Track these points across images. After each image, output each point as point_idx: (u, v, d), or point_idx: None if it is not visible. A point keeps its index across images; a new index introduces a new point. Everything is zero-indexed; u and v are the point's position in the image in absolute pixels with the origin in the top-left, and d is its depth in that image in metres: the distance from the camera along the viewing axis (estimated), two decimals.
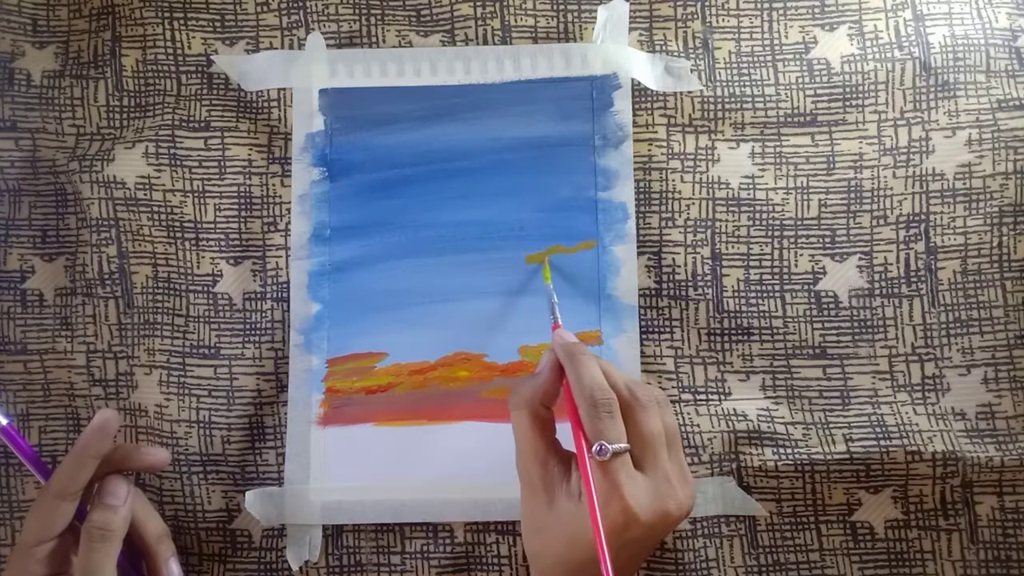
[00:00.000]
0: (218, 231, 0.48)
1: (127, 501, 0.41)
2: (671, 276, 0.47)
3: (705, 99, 0.48)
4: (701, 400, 0.46)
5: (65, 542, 0.40)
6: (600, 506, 0.35)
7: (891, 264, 0.47)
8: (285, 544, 0.46)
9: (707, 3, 0.49)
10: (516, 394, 0.39)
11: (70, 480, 0.40)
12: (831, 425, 0.45)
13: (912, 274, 0.47)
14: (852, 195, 0.47)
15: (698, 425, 0.46)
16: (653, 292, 0.47)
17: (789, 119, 0.48)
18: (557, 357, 0.39)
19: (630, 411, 0.37)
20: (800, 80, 0.48)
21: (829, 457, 0.45)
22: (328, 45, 0.49)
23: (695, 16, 0.49)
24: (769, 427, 0.45)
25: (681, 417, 0.46)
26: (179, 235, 0.48)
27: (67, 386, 0.48)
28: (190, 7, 0.49)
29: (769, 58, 0.48)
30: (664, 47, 0.49)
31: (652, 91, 0.48)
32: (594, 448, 0.35)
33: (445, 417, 0.46)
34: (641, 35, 0.49)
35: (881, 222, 0.47)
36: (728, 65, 0.48)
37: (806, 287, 0.47)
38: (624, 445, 0.36)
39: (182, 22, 0.49)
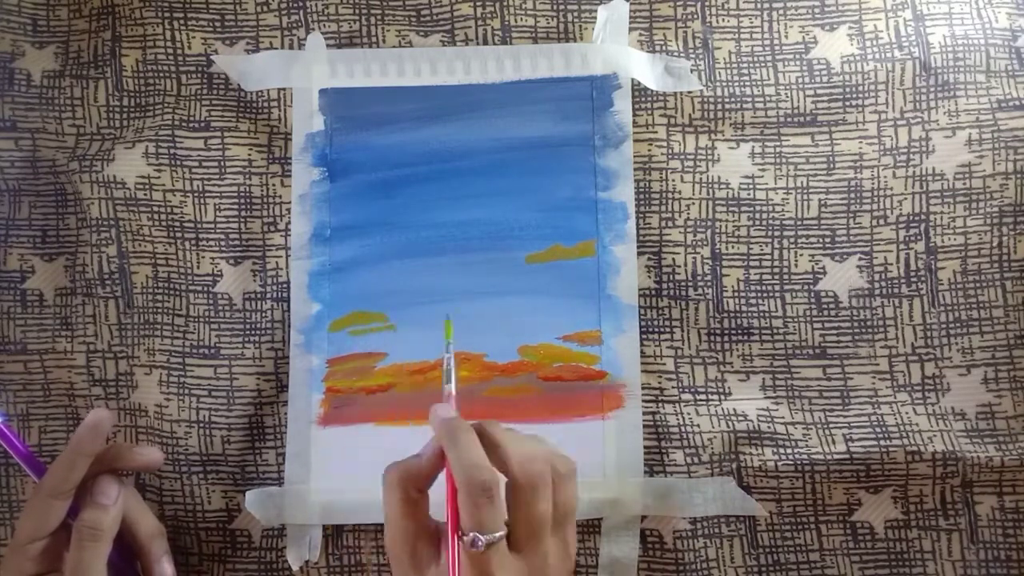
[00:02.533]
0: (218, 231, 0.48)
1: (118, 501, 0.41)
2: (671, 276, 0.47)
3: (705, 99, 0.48)
4: (701, 400, 0.46)
5: (58, 540, 0.40)
6: None
7: (891, 264, 0.47)
8: (285, 544, 0.46)
9: (707, 3, 0.49)
10: (390, 471, 0.37)
11: (63, 479, 0.40)
12: (831, 425, 0.45)
13: (912, 274, 0.47)
14: (852, 195, 0.47)
15: (698, 425, 0.46)
16: (653, 292, 0.47)
17: (789, 119, 0.48)
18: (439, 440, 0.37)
19: (520, 492, 0.35)
20: (800, 80, 0.48)
21: (829, 457, 0.45)
22: (328, 45, 0.49)
23: (695, 16, 0.49)
24: (769, 427, 0.45)
25: (681, 417, 0.46)
26: (179, 235, 0.48)
27: (67, 386, 0.48)
28: (190, 7, 0.49)
29: (769, 58, 0.48)
30: (664, 47, 0.49)
31: (652, 91, 0.48)
32: (467, 538, 0.34)
33: None
34: (641, 35, 0.49)
35: (881, 222, 0.47)
36: (728, 65, 0.48)
37: (806, 287, 0.47)
38: (500, 534, 0.34)
39: (182, 22, 0.49)
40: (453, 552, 0.35)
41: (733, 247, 0.47)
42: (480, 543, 0.34)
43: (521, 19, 0.49)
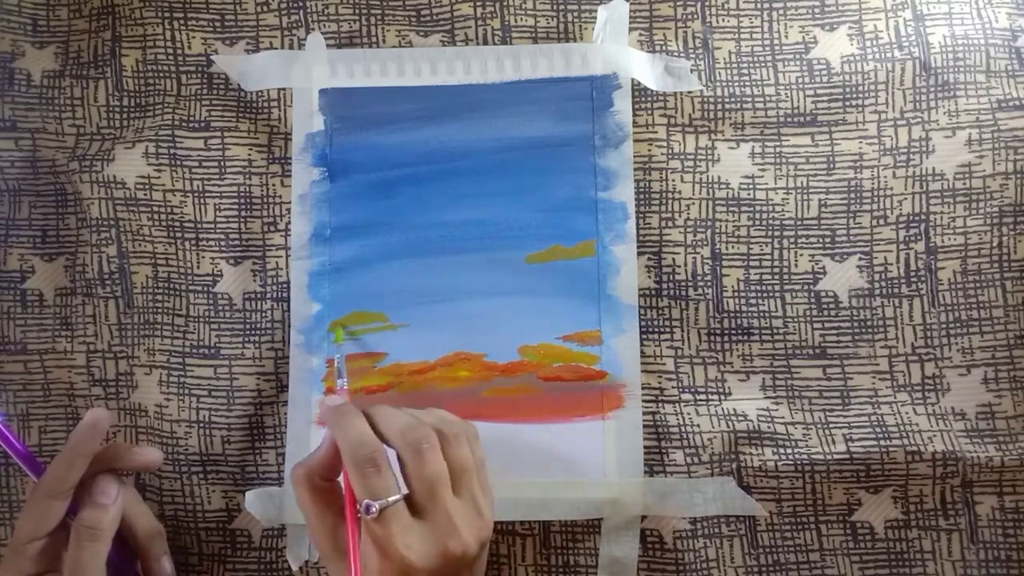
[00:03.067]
0: (218, 231, 0.48)
1: (117, 500, 0.41)
2: (671, 276, 0.47)
3: (705, 99, 0.48)
4: (701, 400, 0.46)
5: (56, 540, 0.40)
6: (378, 560, 0.36)
7: (891, 264, 0.47)
8: (285, 544, 0.46)
9: (707, 3, 0.49)
10: (294, 469, 0.39)
11: (61, 479, 0.40)
12: (831, 425, 0.45)
13: (912, 274, 0.47)
14: (852, 195, 0.47)
15: (698, 425, 0.46)
16: (653, 292, 0.47)
17: (789, 119, 0.48)
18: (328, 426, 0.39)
19: (404, 457, 0.37)
20: (800, 80, 0.48)
21: (829, 457, 0.45)
22: (328, 45, 0.49)
23: (695, 16, 0.49)
24: (769, 427, 0.45)
25: (681, 417, 0.46)
26: (179, 235, 0.48)
27: (67, 386, 0.48)
28: (190, 7, 0.49)
29: (769, 58, 0.48)
30: (664, 47, 0.49)
31: (652, 91, 0.48)
32: (362, 507, 0.36)
33: None
34: (641, 35, 0.49)
35: (881, 222, 0.47)
36: (728, 65, 0.48)
37: (806, 287, 0.47)
38: (394, 498, 0.36)
39: (182, 22, 0.49)
40: (350, 522, 0.37)
41: (733, 247, 0.47)
42: (373, 508, 0.35)
43: (521, 19, 0.49)
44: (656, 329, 0.47)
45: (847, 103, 0.48)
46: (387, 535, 0.36)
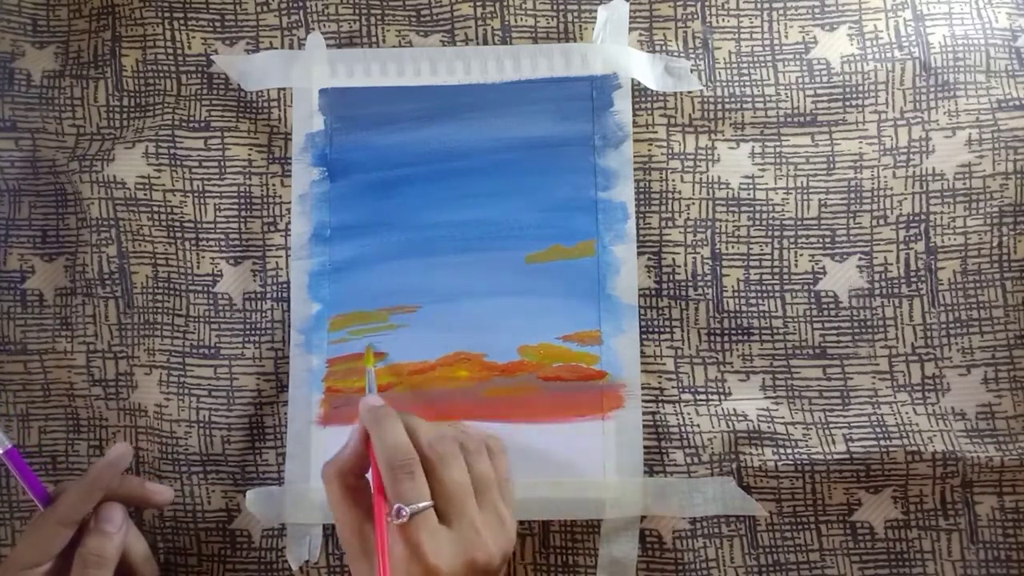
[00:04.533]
0: (218, 231, 0.48)
1: (121, 528, 0.41)
2: (671, 276, 0.47)
3: (705, 99, 0.48)
4: (701, 400, 0.46)
5: (55, 566, 0.40)
6: (405, 565, 0.36)
7: (891, 264, 0.47)
8: (285, 544, 0.46)
9: (707, 3, 0.49)
10: (326, 468, 0.39)
11: (76, 509, 0.41)
12: (831, 425, 0.45)
13: (912, 274, 0.47)
14: (852, 195, 0.47)
15: (698, 425, 0.46)
16: (653, 292, 0.47)
17: (789, 119, 0.48)
18: (365, 426, 0.39)
19: (431, 467, 0.38)
20: (800, 80, 0.48)
21: (829, 457, 0.45)
22: (328, 45, 0.49)
23: (695, 16, 0.49)
24: (769, 427, 0.45)
25: (681, 417, 0.46)
26: (179, 235, 0.48)
27: (67, 386, 0.48)
28: (190, 7, 0.49)
29: (769, 58, 0.48)
30: (664, 47, 0.49)
31: (652, 91, 0.48)
32: (393, 509, 0.36)
33: (445, 417, 0.46)
34: (641, 35, 0.49)
35: (881, 222, 0.47)
36: (728, 65, 0.48)
37: (806, 287, 0.47)
38: (424, 504, 0.36)
39: (182, 22, 0.49)
40: (380, 523, 0.37)
41: (733, 247, 0.47)
42: (404, 512, 0.36)
43: (521, 19, 0.49)
44: (656, 329, 0.47)
45: (847, 103, 0.48)
46: (416, 540, 0.36)
